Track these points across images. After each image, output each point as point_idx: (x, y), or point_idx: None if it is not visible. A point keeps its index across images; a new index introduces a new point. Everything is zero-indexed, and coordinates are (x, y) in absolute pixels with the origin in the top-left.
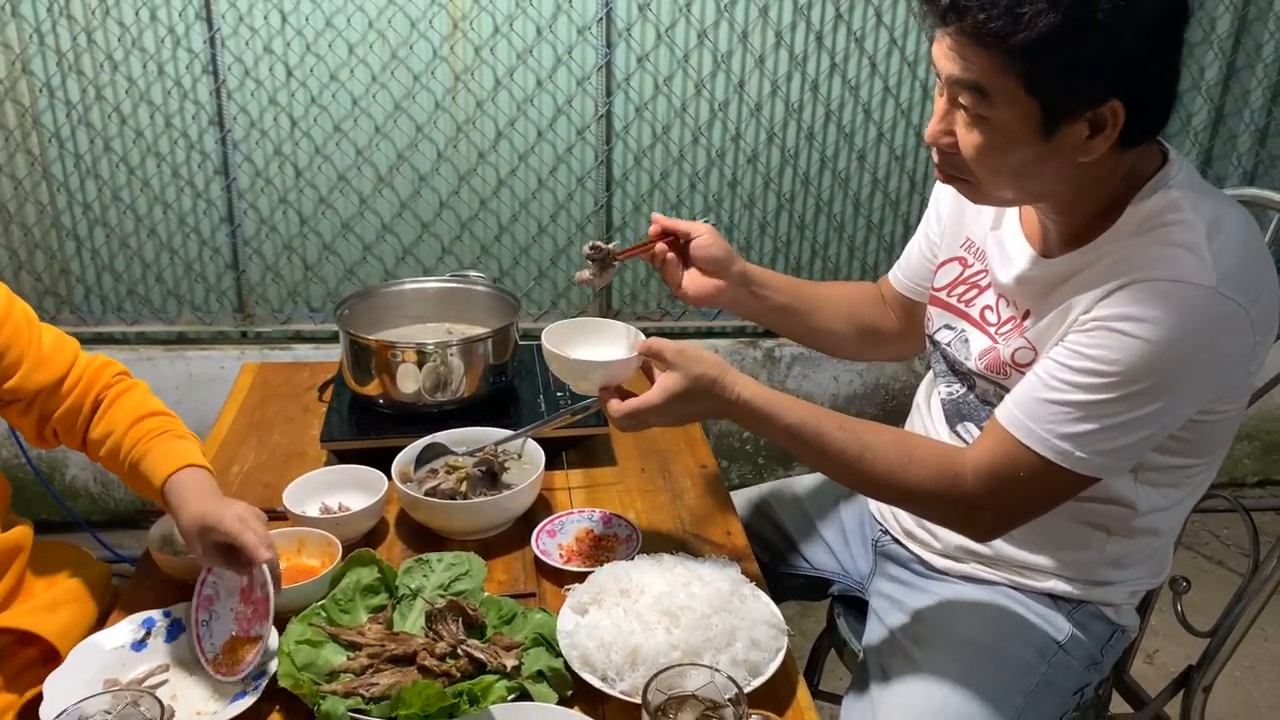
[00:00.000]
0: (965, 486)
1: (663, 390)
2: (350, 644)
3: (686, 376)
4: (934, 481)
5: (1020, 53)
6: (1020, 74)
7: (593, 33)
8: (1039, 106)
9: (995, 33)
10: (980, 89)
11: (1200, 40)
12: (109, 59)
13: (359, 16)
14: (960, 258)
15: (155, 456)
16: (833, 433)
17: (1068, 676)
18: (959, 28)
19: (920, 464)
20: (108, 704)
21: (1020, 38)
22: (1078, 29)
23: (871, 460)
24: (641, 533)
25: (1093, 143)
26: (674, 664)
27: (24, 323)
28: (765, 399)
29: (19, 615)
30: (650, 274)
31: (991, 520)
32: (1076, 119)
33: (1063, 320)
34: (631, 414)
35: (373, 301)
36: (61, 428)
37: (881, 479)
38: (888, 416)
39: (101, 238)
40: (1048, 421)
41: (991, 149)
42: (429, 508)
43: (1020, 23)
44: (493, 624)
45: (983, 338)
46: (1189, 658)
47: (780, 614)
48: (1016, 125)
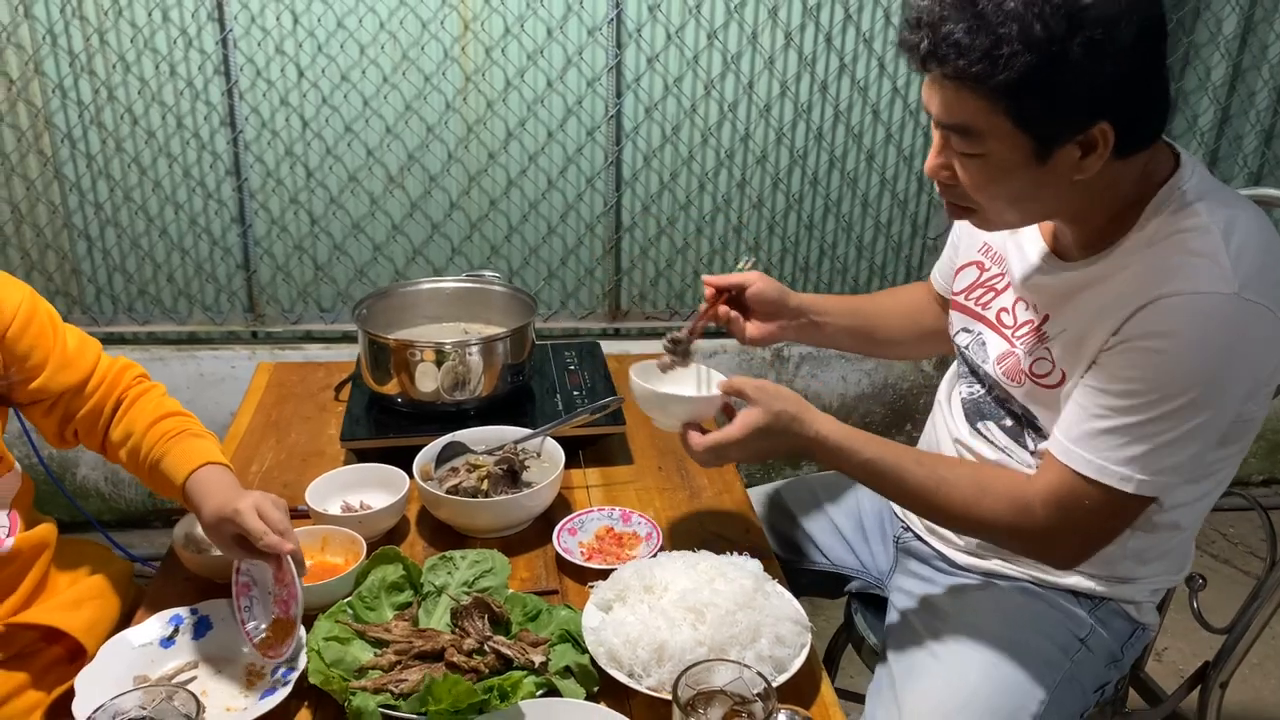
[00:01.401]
0: (1037, 518)
1: (744, 425)
2: (377, 641)
3: (767, 412)
4: (1008, 514)
5: (1003, 93)
6: (1006, 111)
7: (603, 34)
8: (1029, 138)
9: (975, 76)
10: (968, 130)
11: (1206, 41)
12: (121, 60)
13: (370, 18)
14: (978, 262)
15: (175, 455)
16: (909, 467)
17: (1089, 673)
18: (941, 72)
19: (994, 496)
20: (142, 700)
21: (1000, 79)
22: (1055, 65)
23: (947, 494)
24: (661, 530)
25: (1086, 162)
26: (702, 660)
27: (48, 324)
28: (843, 435)
29: (44, 612)
30: (659, 274)
31: (1067, 550)
32: (1068, 143)
33: (1088, 340)
34: (713, 448)
35: (390, 301)
36: (83, 429)
37: (957, 512)
38: (896, 416)
39: (113, 238)
40: (1103, 450)
41: (989, 180)
42: (451, 505)
43: (999, 65)
44: (518, 621)
45: (1000, 341)
46: (1197, 655)
47: (803, 610)
48: (1010, 157)
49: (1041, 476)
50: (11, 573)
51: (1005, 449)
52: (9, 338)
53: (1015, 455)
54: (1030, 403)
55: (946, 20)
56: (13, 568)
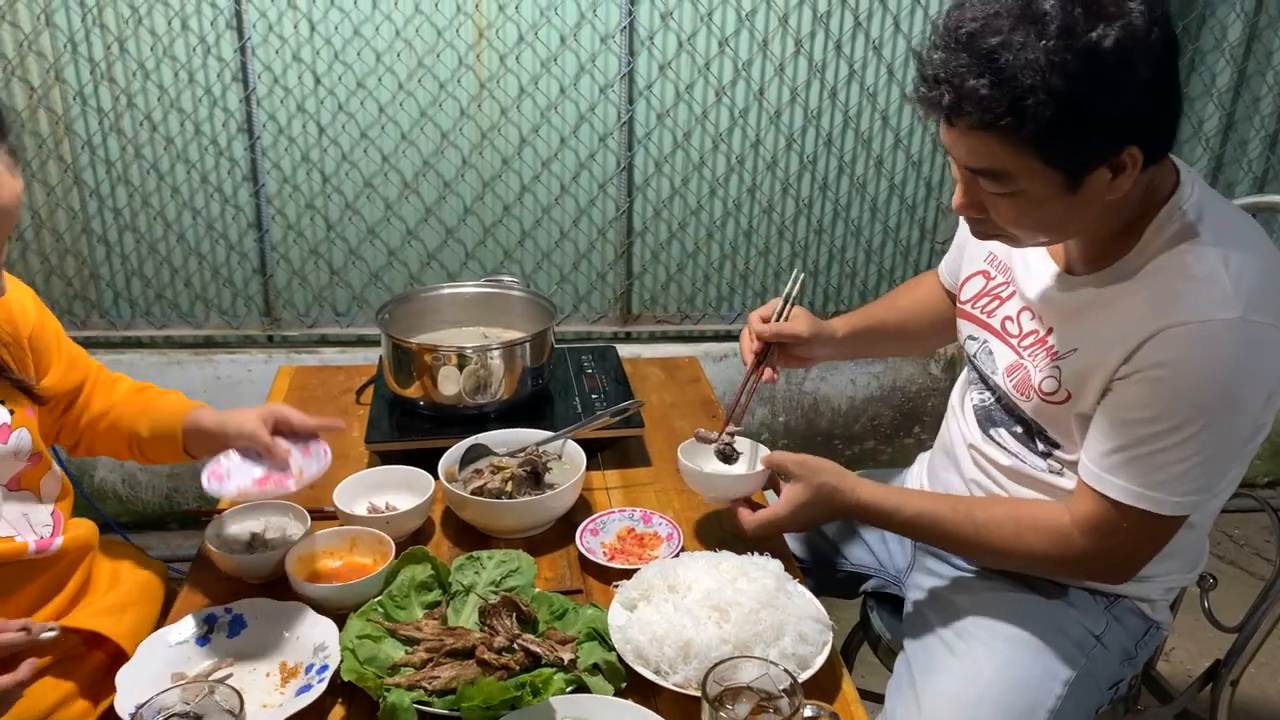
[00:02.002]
0: (1078, 547)
1: (789, 501)
2: (408, 639)
3: (809, 486)
4: (1049, 547)
5: (1028, 140)
6: (1035, 154)
7: (616, 41)
8: (1060, 173)
9: (1001, 128)
10: (998, 173)
11: (1212, 48)
12: (141, 67)
13: (386, 25)
14: (984, 271)
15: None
16: (948, 516)
17: (1104, 670)
18: (966, 124)
19: (1033, 531)
20: (184, 696)
21: (1028, 130)
22: (1080, 108)
23: (987, 536)
24: (681, 531)
25: (1117, 182)
26: (728, 657)
27: (55, 328)
28: (883, 499)
29: (89, 616)
30: (670, 279)
31: (1115, 571)
32: (1098, 169)
33: (1097, 368)
34: (763, 524)
35: (412, 306)
36: (69, 420)
37: (999, 551)
38: (904, 419)
39: (131, 243)
40: (1135, 477)
41: (1024, 213)
42: (477, 507)
43: (1025, 116)
44: (545, 619)
45: (1006, 350)
46: (1203, 655)
47: (824, 609)
48: (1042, 191)
49: (1078, 504)
50: (59, 571)
51: (1017, 454)
52: (33, 339)
53: (1027, 460)
54: (1038, 416)
55: (967, 76)
56: (60, 566)
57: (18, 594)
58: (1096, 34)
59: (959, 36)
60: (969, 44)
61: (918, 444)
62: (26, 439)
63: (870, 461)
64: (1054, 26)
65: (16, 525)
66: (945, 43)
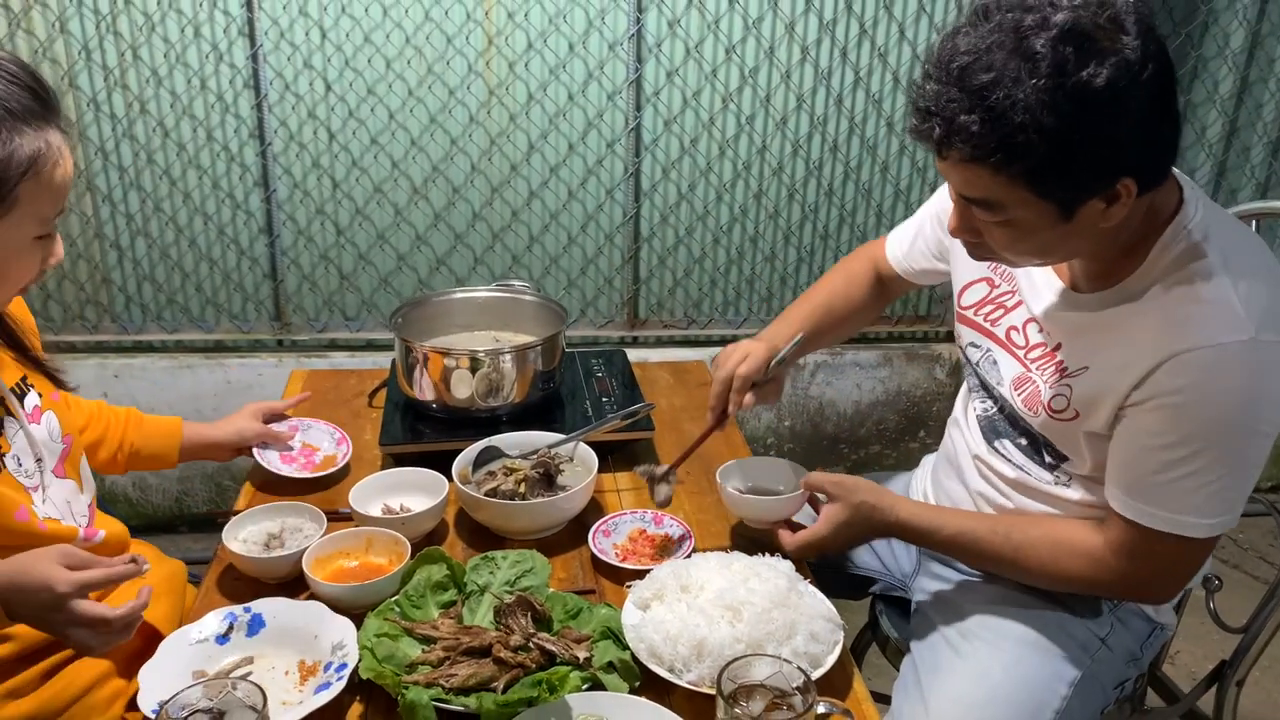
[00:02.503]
0: (1115, 570)
1: (829, 522)
2: (425, 637)
3: (848, 506)
4: (1087, 570)
5: (1020, 175)
6: (1027, 188)
7: (623, 48)
8: (1053, 204)
9: (993, 164)
10: (991, 203)
11: (1214, 55)
12: (154, 74)
13: (397, 33)
14: (987, 278)
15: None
16: (987, 538)
17: (1109, 671)
18: (957, 157)
19: (1070, 554)
20: (207, 693)
21: (1017, 165)
22: (1070, 147)
23: (1024, 558)
24: (692, 532)
25: (1111, 211)
26: (741, 655)
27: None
28: (922, 517)
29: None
30: (677, 284)
31: (1155, 592)
32: (1091, 199)
33: (1108, 393)
34: (804, 546)
35: (424, 310)
36: None
37: (1036, 572)
38: (909, 423)
39: (143, 248)
40: (1167, 503)
41: (1018, 240)
42: (490, 508)
43: (1015, 153)
44: (559, 618)
45: (1012, 361)
46: (1207, 657)
47: (835, 609)
48: (1036, 220)
49: (1111, 531)
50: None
51: (1022, 466)
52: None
53: (1033, 473)
54: (1045, 431)
55: (958, 111)
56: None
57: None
58: (1088, 73)
59: (951, 70)
60: (960, 78)
61: (923, 448)
62: (55, 423)
63: (875, 465)
64: (1045, 65)
65: (62, 510)
66: (938, 74)
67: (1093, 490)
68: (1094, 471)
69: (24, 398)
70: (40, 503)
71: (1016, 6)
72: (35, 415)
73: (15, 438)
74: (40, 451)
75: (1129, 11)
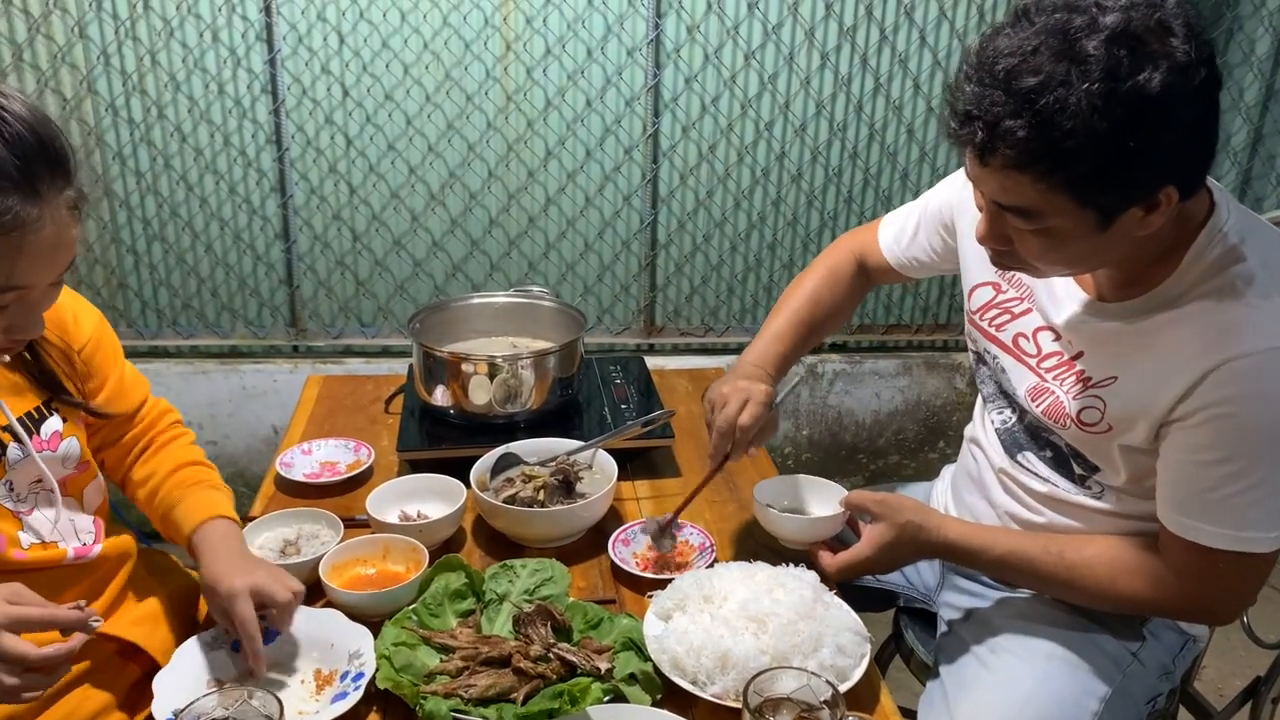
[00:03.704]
0: (1177, 590)
1: (872, 543)
2: (443, 646)
3: (893, 526)
4: (1147, 590)
5: (1064, 183)
6: (1069, 195)
7: (642, 54)
8: (1093, 212)
9: (1037, 172)
10: (1028, 211)
11: (1240, 62)
12: (172, 79)
13: (415, 38)
14: (993, 282)
15: (187, 505)
16: (1040, 558)
17: (1141, 685)
18: (998, 163)
19: (1129, 575)
20: (222, 702)
21: (1062, 174)
22: (1121, 154)
23: (1081, 580)
24: (714, 541)
25: (1150, 219)
26: (768, 668)
27: (112, 352)
28: (971, 537)
29: (125, 625)
30: (694, 291)
31: (1221, 610)
32: (1129, 209)
33: (1151, 405)
34: (845, 567)
35: (442, 315)
36: (112, 458)
37: (1094, 594)
38: (929, 433)
39: (159, 253)
40: (1224, 521)
41: (1051, 249)
42: (509, 515)
43: (1062, 160)
44: (579, 628)
45: (1023, 370)
46: (1235, 673)
47: (861, 621)
48: (1073, 228)
49: (1169, 552)
50: (97, 579)
51: (1049, 479)
52: (83, 356)
53: (1060, 485)
54: (1076, 444)
55: (1003, 116)
56: (98, 574)
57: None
58: (1143, 77)
59: (995, 72)
60: (1005, 81)
61: (942, 458)
62: (75, 448)
63: (894, 476)
64: (1097, 68)
65: (63, 531)
66: (979, 77)
67: (1126, 502)
68: (1128, 484)
69: (41, 423)
70: (26, 529)
71: (1061, 7)
72: (54, 440)
73: (17, 465)
74: (41, 473)
75: (1177, 15)
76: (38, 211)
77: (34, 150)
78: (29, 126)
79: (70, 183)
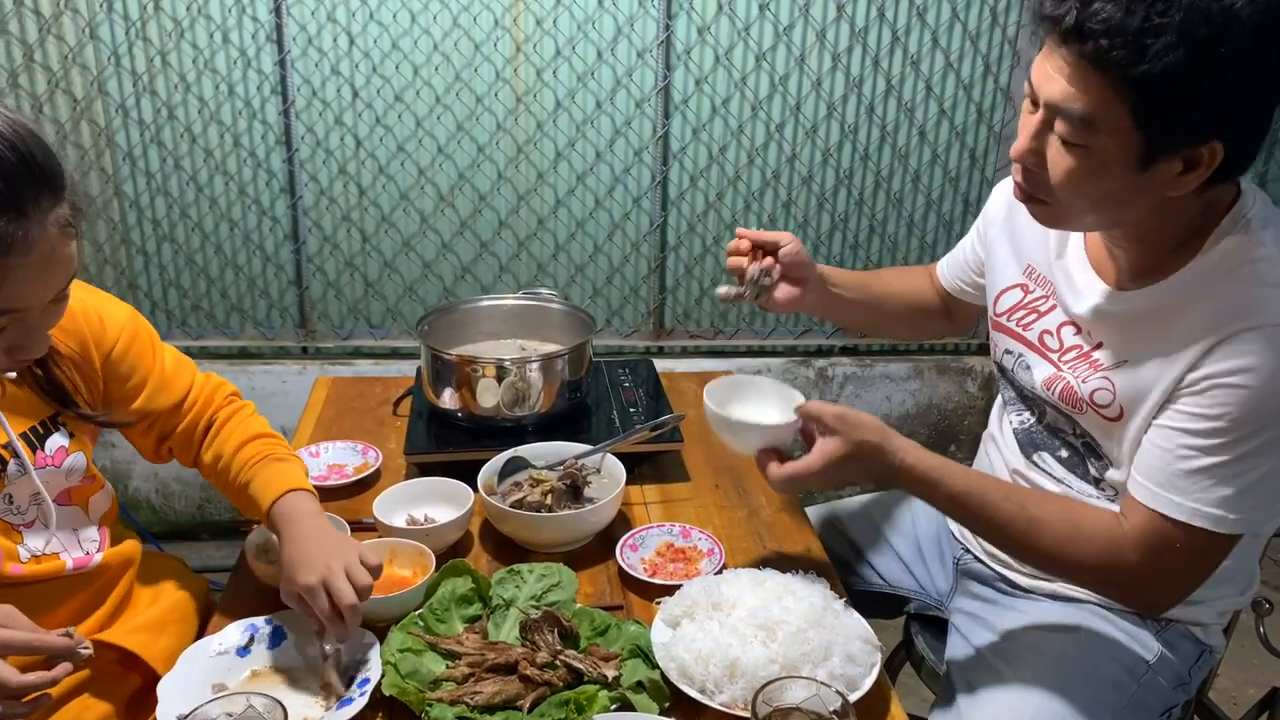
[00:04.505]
0: (1129, 562)
1: (823, 456)
2: (449, 653)
3: (847, 442)
4: (1100, 557)
5: (1137, 84)
6: (1132, 106)
7: (652, 56)
8: (1142, 139)
9: (1116, 61)
10: (1083, 118)
11: None
12: (182, 80)
13: (424, 39)
14: (1021, 284)
15: (259, 484)
16: (999, 504)
17: (1157, 696)
18: (1079, 51)
19: (1087, 538)
20: (226, 708)
21: (1142, 70)
22: (1200, 67)
23: (1038, 533)
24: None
25: (1185, 178)
26: (777, 676)
27: (149, 345)
28: (929, 465)
29: (126, 634)
30: (704, 293)
31: (1159, 596)
32: (1174, 154)
33: (1159, 379)
34: (789, 478)
35: (451, 318)
36: (178, 446)
37: (1047, 552)
38: (940, 436)
39: (169, 254)
40: (1192, 492)
41: (1084, 176)
42: (516, 520)
43: (1145, 55)
44: (586, 635)
45: (1044, 364)
46: (1250, 683)
47: (871, 630)
48: (1115, 155)
49: (1130, 520)
50: (99, 588)
51: (1063, 480)
52: (113, 358)
53: (1075, 487)
54: (1092, 429)
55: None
56: (100, 583)
57: (58, 610)
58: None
59: None
60: None
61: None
62: (81, 462)
63: None
64: None
65: (65, 541)
66: None
67: None
68: None
69: (47, 438)
70: (25, 542)
71: None
72: (59, 455)
73: (16, 480)
74: (38, 487)
75: None
76: (24, 233)
77: (15, 169)
78: (9, 145)
79: (61, 200)
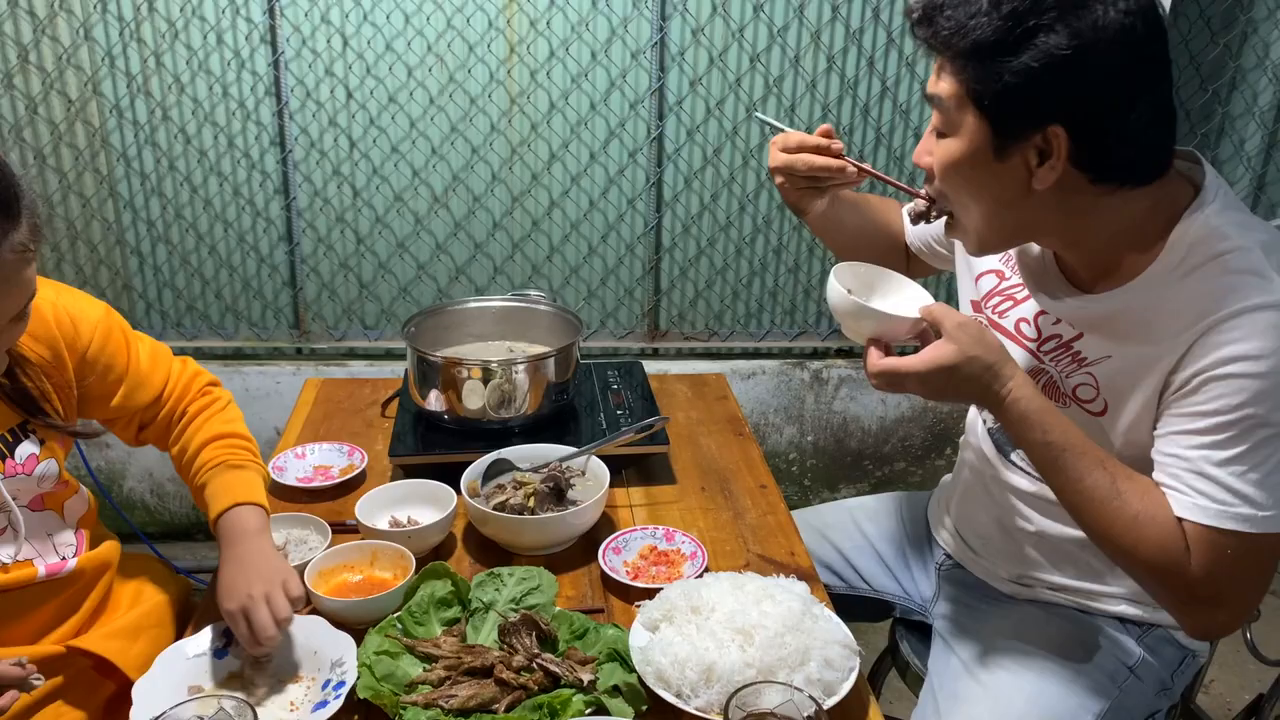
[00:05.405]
0: (1189, 570)
1: (931, 360)
2: (426, 656)
3: (961, 353)
4: (1165, 552)
5: (965, 59)
6: (967, 85)
7: (646, 57)
8: (987, 122)
9: (946, 40)
10: (943, 104)
11: (1254, 66)
12: (176, 81)
13: (418, 41)
14: (998, 270)
15: (211, 490)
16: (1091, 467)
17: (1139, 701)
18: (931, 38)
19: (1160, 527)
20: (199, 709)
21: (964, 44)
22: (1014, 43)
23: (1118, 507)
24: (706, 550)
25: (1040, 170)
26: (752, 681)
27: (123, 343)
28: (1036, 407)
29: (102, 639)
30: (698, 295)
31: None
32: (1023, 141)
33: (1140, 380)
34: (890, 372)
35: (438, 319)
36: (154, 435)
37: (1117, 529)
38: (935, 439)
39: (164, 255)
40: (1220, 495)
41: (954, 165)
42: (498, 522)
43: (965, 29)
44: (565, 638)
45: (1023, 354)
46: (1245, 688)
47: (851, 634)
48: (972, 140)
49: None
50: (75, 592)
51: (1039, 478)
52: (88, 357)
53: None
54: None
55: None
56: (75, 588)
57: (30, 616)
58: None
59: None
60: None
61: (949, 466)
62: (53, 468)
63: (900, 483)
64: None
65: (39, 547)
66: None
67: None
68: None
69: (16, 446)
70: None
71: None
72: (30, 463)
73: None
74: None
75: None
76: None
77: None
78: None
79: (18, 225)
